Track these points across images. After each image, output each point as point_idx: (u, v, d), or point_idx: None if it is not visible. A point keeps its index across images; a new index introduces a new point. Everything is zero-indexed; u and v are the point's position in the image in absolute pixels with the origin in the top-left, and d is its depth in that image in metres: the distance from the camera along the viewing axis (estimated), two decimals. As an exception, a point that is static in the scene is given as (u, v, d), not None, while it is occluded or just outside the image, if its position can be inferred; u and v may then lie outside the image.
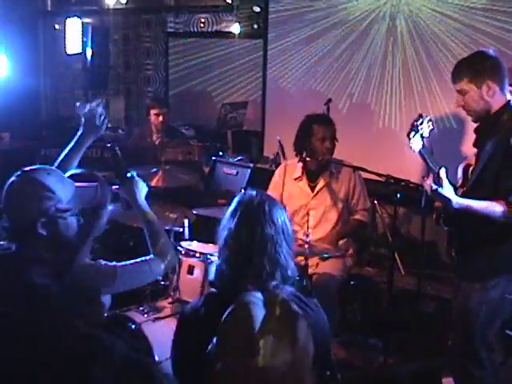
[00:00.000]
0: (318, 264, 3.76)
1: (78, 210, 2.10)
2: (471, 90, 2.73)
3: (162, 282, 3.70)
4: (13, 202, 2.03)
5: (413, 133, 2.73)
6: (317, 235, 3.82)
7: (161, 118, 5.18)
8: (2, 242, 2.04)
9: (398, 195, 3.51)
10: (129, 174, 2.39)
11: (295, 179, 4.03)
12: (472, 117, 2.83)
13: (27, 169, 2.08)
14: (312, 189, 3.99)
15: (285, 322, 1.81)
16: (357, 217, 4.02)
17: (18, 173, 2.07)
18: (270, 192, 4.13)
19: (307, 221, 3.57)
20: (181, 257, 3.49)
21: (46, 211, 2.00)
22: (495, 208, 2.65)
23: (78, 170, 2.69)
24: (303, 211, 3.86)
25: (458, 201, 2.68)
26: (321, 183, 3.98)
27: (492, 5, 4.66)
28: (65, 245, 2.05)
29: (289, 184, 4.05)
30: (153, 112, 5.20)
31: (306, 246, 3.48)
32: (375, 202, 4.91)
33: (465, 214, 2.71)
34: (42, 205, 2.00)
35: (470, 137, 4.26)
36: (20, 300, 1.85)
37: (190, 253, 3.48)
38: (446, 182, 2.68)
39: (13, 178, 2.06)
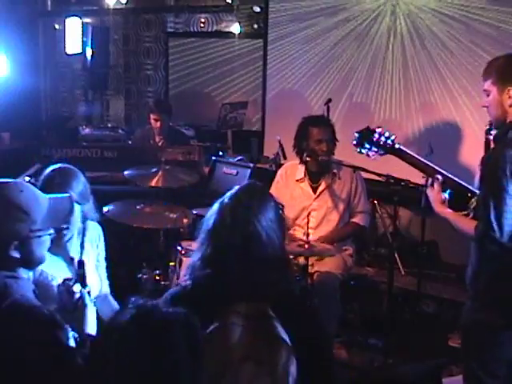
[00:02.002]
0: (317, 262, 3.75)
1: (53, 227, 1.93)
2: (493, 92, 2.52)
3: (162, 282, 3.70)
4: None
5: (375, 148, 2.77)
6: (318, 236, 3.80)
7: (158, 124, 5.18)
8: None
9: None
10: (87, 288, 2.19)
11: (297, 180, 4.01)
12: (492, 120, 2.62)
13: None
14: (314, 190, 3.97)
15: (264, 345, 1.64)
16: (355, 220, 3.99)
17: None
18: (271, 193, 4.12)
19: (308, 221, 3.56)
20: (181, 256, 3.49)
21: (20, 233, 1.82)
22: (470, 228, 2.44)
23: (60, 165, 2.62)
24: (305, 212, 3.83)
25: (438, 209, 2.61)
26: (323, 184, 3.96)
27: (492, 4, 4.66)
28: (37, 263, 1.92)
29: (291, 185, 4.02)
30: (152, 116, 5.22)
31: (306, 246, 3.48)
32: (375, 202, 4.91)
33: None
34: (15, 227, 1.81)
35: (471, 139, 4.26)
36: None
37: (189, 253, 3.48)
38: (436, 189, 2.62)
39: None
